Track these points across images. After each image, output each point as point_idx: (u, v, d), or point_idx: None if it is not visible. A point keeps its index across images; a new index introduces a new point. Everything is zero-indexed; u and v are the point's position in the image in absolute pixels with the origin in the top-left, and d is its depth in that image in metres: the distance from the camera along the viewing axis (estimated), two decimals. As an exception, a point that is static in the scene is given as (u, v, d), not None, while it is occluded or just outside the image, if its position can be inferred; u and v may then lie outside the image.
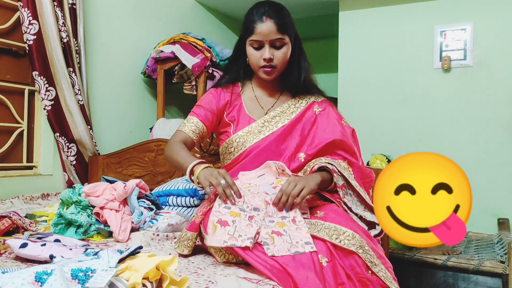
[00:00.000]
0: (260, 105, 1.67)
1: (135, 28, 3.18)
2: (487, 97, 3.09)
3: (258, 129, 1.60)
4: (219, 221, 1.29)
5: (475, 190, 3.14)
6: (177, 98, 3.54)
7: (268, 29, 1.52)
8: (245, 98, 1.69)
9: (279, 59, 1.56)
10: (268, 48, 1.54)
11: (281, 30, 1.53)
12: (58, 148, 2.57)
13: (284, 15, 1.57)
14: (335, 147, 1.58)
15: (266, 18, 1.52)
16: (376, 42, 3.48)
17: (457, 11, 3.19)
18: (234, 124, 1.65)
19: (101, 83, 2.90)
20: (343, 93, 3.60)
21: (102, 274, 0.93)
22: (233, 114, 1.66)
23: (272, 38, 1.53)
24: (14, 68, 2.47)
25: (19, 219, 1.63)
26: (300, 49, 1.65)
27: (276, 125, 1.61)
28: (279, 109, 1.64)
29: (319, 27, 4.72)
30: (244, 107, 1.67)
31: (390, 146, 3.23)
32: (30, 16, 2.33)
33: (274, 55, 1.55)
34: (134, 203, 1.68)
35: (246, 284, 1.14)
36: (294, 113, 1.63)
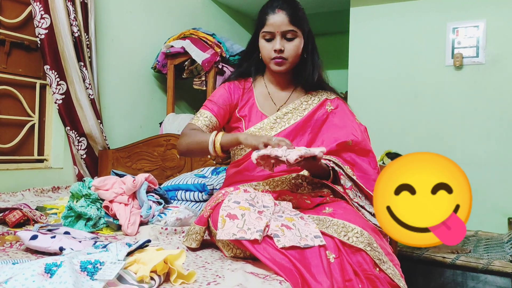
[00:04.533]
0: (273, 101, 1.67)
1: (146, 23, 3.19)
2: (499, 95, 3.05)
3: (270, 125, 1.60)
4: (228, 215, 1.29)
5: (486, 189, 3.13)
6: (187, 93, 3.55)
7: (280, 20, 1.53)
8: (257, 93, 1.68)
9: (290, 51, 1.56)
10: (279, 40, 1.54)
11: (293, 22, 1.53)
12: (68, 141, 2.59)
13: (298, 8, 1.57)
14: (346, 148, 1.57)
15: (279, 10, 1.53)
16: (387, 39, 3.45)
17: (470, 8, 3.15)
18: (246, 120, 1.64)
19: (111, 78, 2.91)
20: (353, 90, 3.57)
21: (110, 267, 0.93)
22: (245, 109, 1.66)
23: (284, 30, 1.53)
24: (26, 62, 2.50)
25: (30, 211, 1.64)
26: (313, 45, 1.64)
27: (288, 121, 1.61)
28: (291, 105, 1.64)
29: (330, 23, 4.70)
30: (256, 103, 1.66)
31: (400, 144, 3.21)
32: (42, 10, 2.35)
33: (285, 47, 1.55)
34: (143, 197, 1.69)
35: (254, 279, 1.14)
36: (306, 110, 1.63)
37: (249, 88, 1.70)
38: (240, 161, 1.65)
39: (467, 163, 3.05)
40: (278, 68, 1.59)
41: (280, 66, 1.58)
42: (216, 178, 2.07)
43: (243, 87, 1.69)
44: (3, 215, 1.62)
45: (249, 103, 1.66)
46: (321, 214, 1.38)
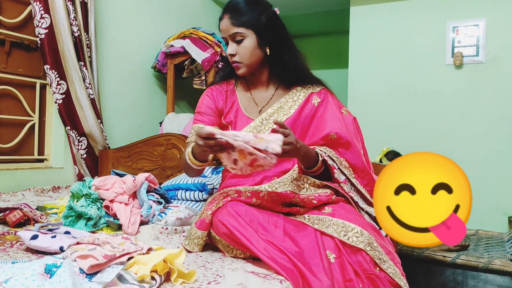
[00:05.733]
0: (255, 102, 1.62)
1: (146, 23, 3.19)
2: (499, 94, 3.05)
3: (257, 128, 1.55)
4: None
5: (486, 188, 3.13)
6: (187, 93, 3.55)
7: (225, 25, 1.52)
8: (240, 96, 1.64)
9: (241, 54, 1.52)
10: (230, 44, 1.53)
11: (236, 23, 1.50)
12: (69, 141, 2.59)
13: (242, 8, 1.51)
14: (331, 142, 1.52)
15: (224, 15, 1.52)
16: (387, 38, 3.45)
17: (470, 7, 3.15)
18: (232, 125, 1.60)
19: (111, 77, 2.91)
20: (354, 89, 3.57)
21: (108, 270, 0.94)
22: (231, 115, 1.62)
23: (230, 33, 1.51)
24: (26, 61, 2.49)
25: (30, 211, 1.64)
26: (279, 40, 1.56)
27: None
28: (276, 105, 1.59)
29: (330, 22, 4.70)
30: (241, 107, 1.62)
31: (400, 142, 3.21)
32: (42, 10, 2.34)
33: (237, 50, 1.53)
34: (143, 196, 1.69)
35: (254, 278, 1.15)
36: (292, 108, 1.57)
37: (232, 90, 1.66)
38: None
39: (467, 162, 3.05)
40: (238, 72, 1.57)
41: (238, 70, 1.56)
42: (216, 178, 2.07)
43: (226, 89, 1.66)
44: (4, 215, 1.62)
45: (233, 107, 1.63)
46: (321, 214, 1.38)
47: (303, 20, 4.74)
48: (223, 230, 1.34)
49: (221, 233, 1.36)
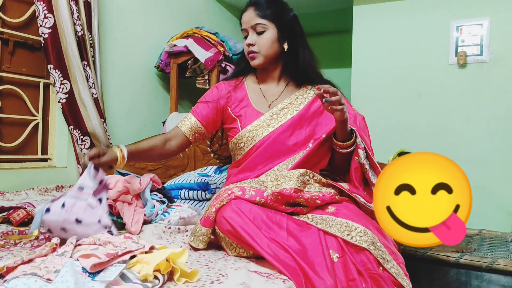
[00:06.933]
0: (265, 97, 1.67)
1: (149, 22, 3.19)
2: (503, 93, 3.04)
3: (267, 122, 1.59)
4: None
5: (490, 187, 3.11)
6: (190, 92, 3.55)
7: (249, 16, 1.59)
8: (250, 91, 1.69)
9: (260, 45, 1.59)
10: (251, 34, 1.60)
11: (261, 15, 1.58)
12: (72, 140, 2.59)
13: (265, 3, 1.60)
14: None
15: (249, 7, 1.61)
16: (390, 37, 3.44)
17: (474, 6, 3.14)
18: (241, 119, 1.64)
19: (115, 77, 2.92)
20: (357, 88, 3.57)
21: (111, 269, 0.94)
22: (240, 108, 1.66)
23: (253, 24, 1.58)
24: (29, 61, 2.50)
25: (34, 210, 1.65)
26: (297, 38, 1.64)
27: (285, 117, 1.60)
28: (287, 100, 1.64)
29: (333, 21, 4.69)
30: (251, 101, 1.67)
31: (403, 142, 3.20)
32: (45, 10, 2.35)
33: (256, 41, 1.59)
34: (146, 196, 1.69)
35: (257, 278, 1.15)
36: (302, 103, 1.63)
37: (240, 85, 1.71)
38: (240, 160, 1.64)
39: (471, 161, 3.04)
40: (253, 62, 1.62)
41: (253, 60, 1.61)
42: (219, 177, 2.07)
43: (234, 84, 1.72)
44: (8, 214, 1.63)
45: (243, 102, 1.67)
46: (324, 213, 1.38)
47: (306, 19, 4.73)
48: (227, 227, 1.34)
49: (224, 230, 1.36)
